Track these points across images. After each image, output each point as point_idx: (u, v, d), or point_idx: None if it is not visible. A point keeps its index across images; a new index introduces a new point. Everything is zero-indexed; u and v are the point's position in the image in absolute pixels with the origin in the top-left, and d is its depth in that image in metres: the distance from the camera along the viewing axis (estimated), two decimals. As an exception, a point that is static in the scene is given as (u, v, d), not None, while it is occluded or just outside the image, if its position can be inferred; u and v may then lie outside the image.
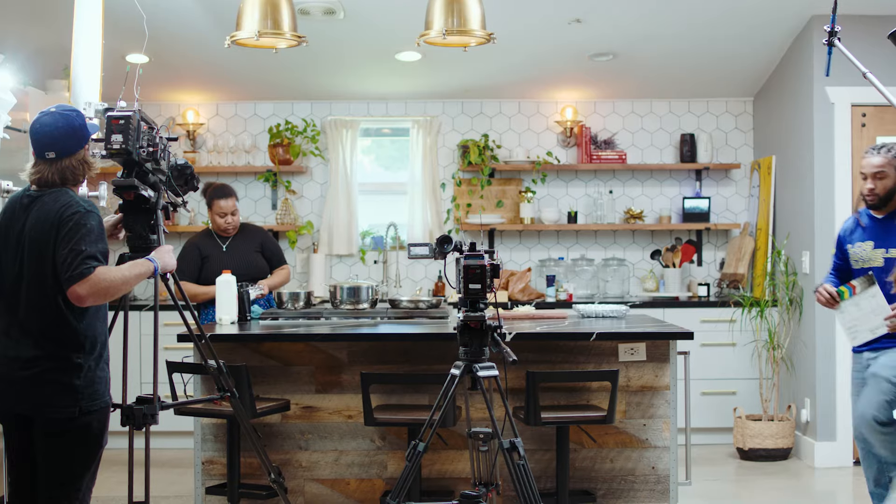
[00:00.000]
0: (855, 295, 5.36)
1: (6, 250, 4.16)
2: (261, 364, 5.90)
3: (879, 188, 5.34)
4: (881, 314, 5.22)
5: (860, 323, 5.36)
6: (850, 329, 5.43)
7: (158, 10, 7.01)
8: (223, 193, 6.86)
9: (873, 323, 5.28)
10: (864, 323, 5.34)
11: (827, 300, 5.45)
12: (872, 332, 5.30)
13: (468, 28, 5.81)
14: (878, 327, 5.26)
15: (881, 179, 5.32)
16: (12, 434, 4.17)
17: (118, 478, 6.81)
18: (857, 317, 5.37)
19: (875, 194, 5.35)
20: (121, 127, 4.23)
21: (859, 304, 5.34)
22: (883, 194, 5.34)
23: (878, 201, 5.36)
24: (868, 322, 5.31)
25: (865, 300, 5.31)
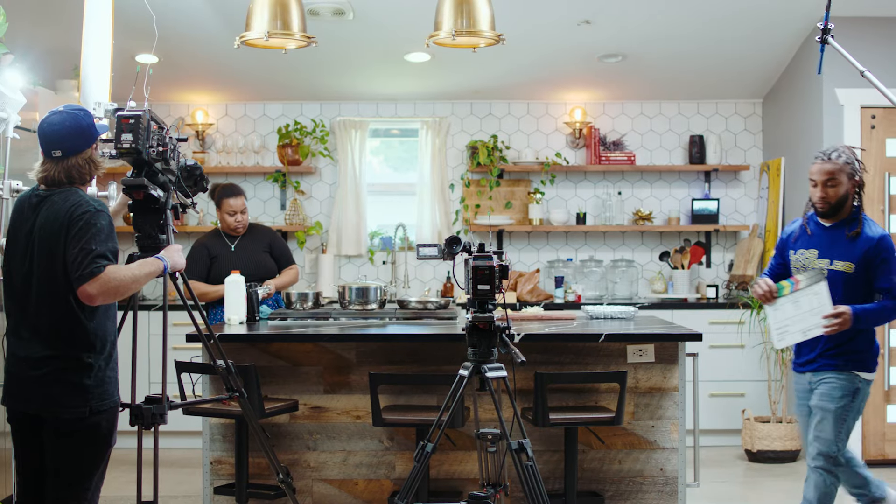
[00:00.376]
0: (797, 291, 5.06)
1: (16, 250, 4.16)
2: (269, 364, 5.90)
3: (831, 195, 5.07)
4: (820, 314, 4.95)
5: (793, 323, 5.07)
6: (780, 330, 5.14)
7: (168, 11, 7.02)
8: (232, 192, 6.87)
9: (808, 323, 5.00)
10: (798, 323, 5.05)
11: (764, 293, 5.17)
12: (804, 334, 5.04)
13: (477, 29, 5.81)
14: (812, 328, 4.99)
15: (833, 187, 5.06)
16: (22, 433, 4.18)
17: (127, 477, 6.81)
18: (791, 315, 5.07)
19: (827, 202, 5.09)
20: (131, 126, 4.24)
21: (799, 301, 5.04)
22: (834, 202, 5.08)
23: (830, 210, 5.10)
24: (802, 322, 5.02)
25: (806, 297, 5.01)
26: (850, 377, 5.05)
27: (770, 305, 5.17)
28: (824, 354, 5.09)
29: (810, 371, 5.16)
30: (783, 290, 5.11)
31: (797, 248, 5.23)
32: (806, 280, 5.03)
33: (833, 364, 5.07)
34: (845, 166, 5.05)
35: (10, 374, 4.14)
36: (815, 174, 5.10)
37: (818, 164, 5.10)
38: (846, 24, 7.58)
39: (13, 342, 4.15)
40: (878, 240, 5.02)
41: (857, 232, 5.04)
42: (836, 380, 5.05)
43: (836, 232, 5.11)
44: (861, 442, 7.59)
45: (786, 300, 5.09)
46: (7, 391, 4.15)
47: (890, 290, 4.98)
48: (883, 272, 4.99)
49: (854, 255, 5.02)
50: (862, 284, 5.04)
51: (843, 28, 7.56)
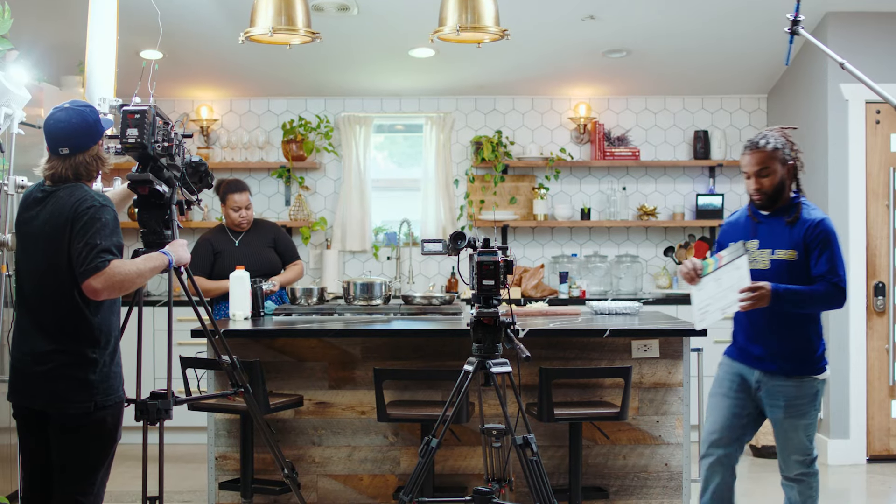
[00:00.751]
0: (720, 268, 4.70)
1: (21, 245, 4.17)
2: (274, 360, 5.91)
3: (766, 186, 4.75)
4: (739, 289, 4.59)
5: (714, 301, 4.70)
6: (702, 310, 4.77)
7: (172, 7, 7.02)
8: (237, 188, 6.87)
9: (727, 300, 4.63)
10: (719, 300, 4.68)
11: (688, 272, 4.82)
12: (723, 311, 4.66)
13: (482, 25, 5.80)
14: (730, 305, 4.63)
15: (766, 177, 4.74)
16: (27, 429, 4.19)
17: (132, 472, 6.83)
18: (713, 294, 4.71)
19: (763, 193, 4.77)
20: (136, 121, 4.24)
21: (720, 278, 4.69)
22: (771, 192, 4.76)
23: (767, 200, 4.78)
24: (723, 299, 4.66)
25: (727, 273, 4.66)
26: (810, 383, 4.73)
27: (695, 286, 4.81)
28: (778, 357, 4.73)
29: (759, 370, 4.78)
30: (707, 269, 4.78)
31: (737, 240, 4.85)
32: (728, 255, 4.70)
33: (789, 369, 4.72)
34: (776, 153, 4.74)
35: (15, 370, 4.14)
36: (745, 165, 4.80)
37: (747, 155, 4.80)
38: (847, 18, 7.58)
39: (18, 337, 4.16)
40: (817, 223, 4.70)
41: (796, 218, 4.73)
42: (796, 389, 4.72)
43: (776, 220, 4.80)
44: (866, 437, 7.59)
45: (709, 279, 4.75)
46: (12, 387, 4.16)
47: (825, 275, 4.64)
48: (820, 256, 4.67)
49: (795, 242, 4.71)
50: (805, 272, 4.70)
51: (845, 23, 7.58)
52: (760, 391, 4.78)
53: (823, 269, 4.64)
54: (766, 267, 4.71)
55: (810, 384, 4.73)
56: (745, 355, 4.84)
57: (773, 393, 4.74)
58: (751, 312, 4.71)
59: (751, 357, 4.81)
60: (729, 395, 4.87)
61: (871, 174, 7.61)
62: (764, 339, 4.76)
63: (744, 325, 4.86)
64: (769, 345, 4.75)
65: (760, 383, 4.78)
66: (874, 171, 7.61)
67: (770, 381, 4.75)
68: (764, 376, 4.77)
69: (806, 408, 4.73)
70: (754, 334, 4.80)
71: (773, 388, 4.74)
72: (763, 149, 4.74)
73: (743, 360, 4.86)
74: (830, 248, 4.66)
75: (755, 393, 4.80)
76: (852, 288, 7.56)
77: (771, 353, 4.74)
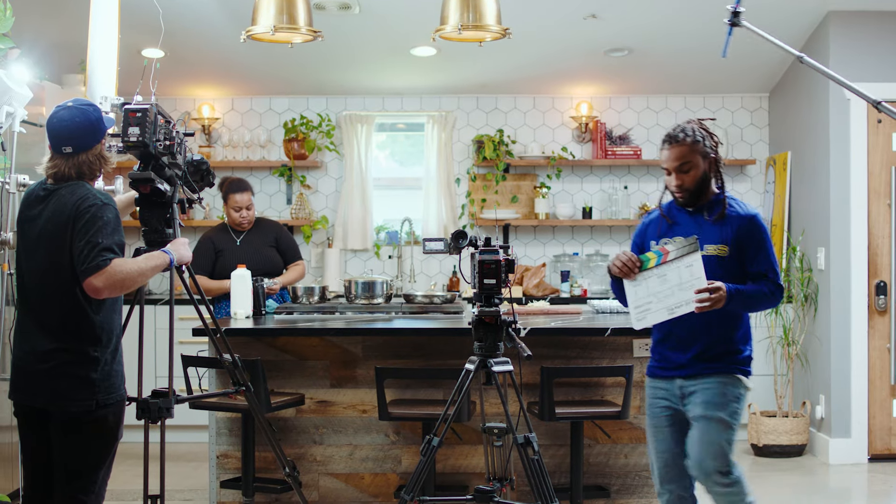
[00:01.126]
0: (665, 263, 4.35)
1: (23, 243, 4.17)
2: (275, 358, 5.91)
3: (688, 182, 4.43)
4: (691, 288, 4.28)
5: (658, 299, 4.36)
6: (640, 308, 4.42)
7: (174, 5, 7.02)
8: (239, 187, 6.86)
9: (676, 299, 4.31)
10: (664, 299, 4.34)
11: (622, 266, 4.45)
12: (670, 311, 4.34)
13: (484, 23, 5.81)
14: (681, 305, 4.30)
15: (688, 171, 4.42)
16: (29, 427, 4.19)
17: (133, 471, 6.83)
18: (657, 291, 4.36)
19: (685, 189, 4.45)
20: (138, 120, 4.24)
21: (666, 275, 4.34)
22: (693, 187, 4.44)
23: (690, 196, 4.46)
24: (669, 298, 4.33)
25: (676, 270, 4.31)
26: (735, 381, 4.42)
27: (631, 281, 4.45)
28: (702, 357, 4.41)
29: (682, 377, 4.45)
30: (648, 263, 4.40)
31: (659, 238, 4.52)
32: (677, 250, 4.34)
33: (713, 368, 4.40)
34: (696, 145, 4.42)
35: (16, 368, 4.15)
36: (665, 161, 4.46)
37: (666, 149, 4.46)
38: (849, 18, 7.58)
39: (19, 335, 4.16)
40: (751, 218, 4.45)
41: (722, 215, 4.43)
42: (718, 385, 4.38)
43: (701, 216, 4.49)
44: (867, 436, 7.59)
45: (651, 274, 4.39)
46: (14, 385, 4.16)
47: (765, 273, 4.41)
48: (757, 254, 4.42)
49: (726, 237, 4.41)
50: (736, 269, 4.42)
51: (846, 22, 7.58)
52: (685, 399, 4.45)
53: (762, 267, 4.42)
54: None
55: (734, 384, 4.41)
56: (667, 367, 4.51)
57: (694, 392, 4.41)
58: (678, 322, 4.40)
59: (673, 366, 4.48)
60: (662, 427, 4.52)
61: (873, 173, 7.61)
62: (688, 345, 4.44)
63: (664, 331, 4.52)
64: (694, 350, 4.42)
65: (683, 389, 4.45)
66: (876, 171, 7.61)
67: (691, 384, 4.43)
68: (686, 381, 4.44)
69: (727, 406, 4.37)
70: (678, 342, 4.47)
71: (694, 387, 4.42)
72: (683, 142, 4.43)
73: (665, 373, 4.52)
74: (766, 246, 4.45)
75: (682, 405, 4.47)
76: (854, 287, 7.57)
77: (695, 358, 4.42)
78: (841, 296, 7.60)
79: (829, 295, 7.67)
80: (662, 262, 4.37)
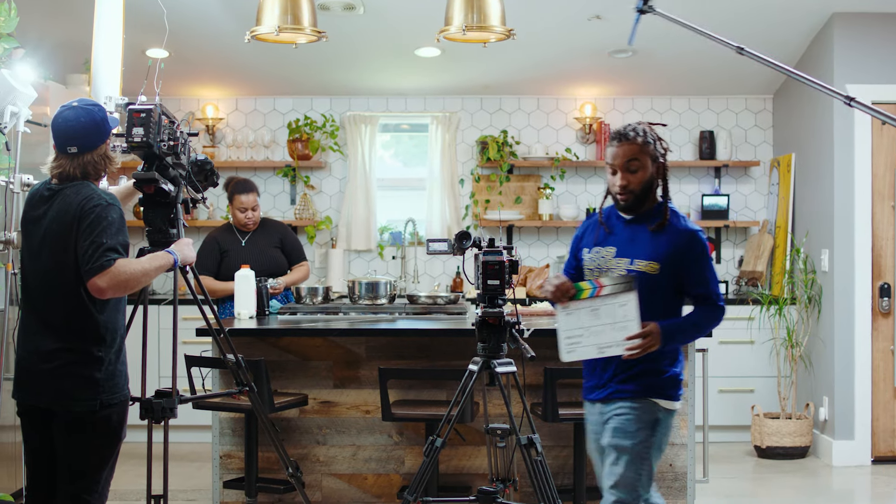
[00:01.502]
0: (599, 296, 4.05)
1: (27, 243, 4.18)
2: (279, 359, 5.91)
3: (634, 183, 4.12)
4: (624, 331, 4.00)
5: (588, 334, 4.08)
6: (571, 340, 4.13)
7: (178, 5, 7.02)
8: (244, 188, 6.86)
9: (606, 338, 4.04)
10: (595, 336, 4.06)
11: (554, 291, 4.11)
12: (599, 350, 4.06)
13: (488, 24, 5.81)
14: (611, 346, 4.03)
15: (635, 172, 4.12)
16: (32, 427, 4.19)
17: (137, 471, 6.82)
18: (588, 325, 4.07)
19: (629, 191, 4.13)
20: (142, 120, 4.24)
21: (599, 310, 4.05)
22: (639, 190, 4.14)
23: (633, 200, 4.14)
24: (600, 336, 4.05)
25: (609, 307, 4.03)
26: (648, 406, 4.09)
27: (563, 308, 4.14)
28: (615, 380, 4.13)
29: (600, 400, 4.19)
30: (581, 293, 4.10)
31: (592, 246, 4.25)
32: (611, 286, 4.05)
33: (626, 391, 4.10)
34: (647, 147, 4.15)
35: (20, 368, 4.15)
36: (612, 158, 4.15)
37: (614, 146, 4.16)
38: (854, 19, 7.57)
39: (23, 335, 4.16)
40: (690, 234, 4.13)
41: (663, 224, 4.13)
42: (629, 410, 4.08)
43: (639, 226, 4.18)
44: (870, 438, 7.58)
45: (583, 305, 4.09)
46: (18, 385, 4.16)
47: (706, 296, 4.13)
48: (696, 274, 4.12)
49: (659, 253, 4.09)
50: (667, 289, 4.12)
51: (851, 23, 7.58)
52: (606, 423, 4.17)
53: (704, 290, 4.13)
54: None
55: (649, 408, 4.09)
56: (589, 387, 4.27)
57: (611, 416, 4.13)
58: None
59: (594, 387, 4.23)
60: (599, 452, 4.26)
61: (877, 175, 7.60)
62: (606, 364, 4.16)
63: None
64: (610, 370, 4.15)
65: (602, 415, 4.19)
66: (880, 173, 7.60)
67: (608, 409, 4.15)
68: (604, 404, 4.17)
69: (638, 433, 4.06)
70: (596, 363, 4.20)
71: (610, 412, 4.14)
72: (633, 140, 4.15)
73: (588, 395, 4.29)
74: (707, 265, 4.14)
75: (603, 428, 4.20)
76: (858, 289, 7.56)
77: (610, 380, 4.15)
78: (844, 298, 7.60)
79: (832, 297, 7.66)
80: (596, 296, 4.07)
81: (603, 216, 4.29)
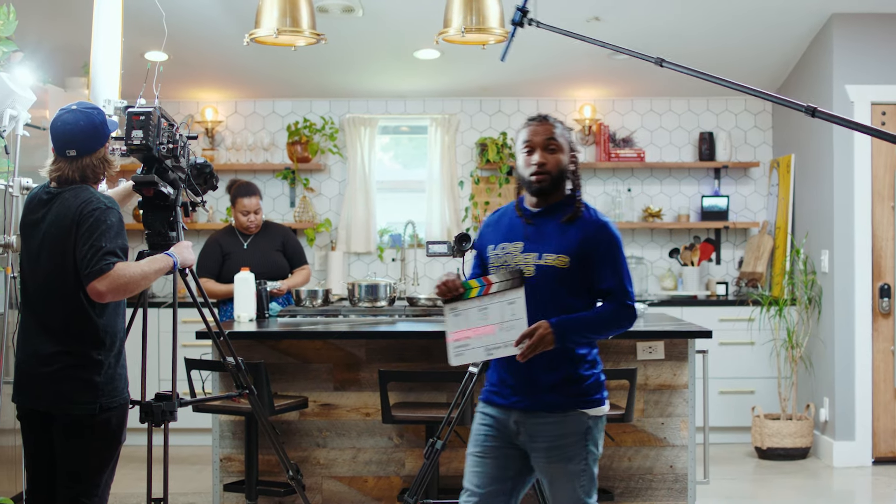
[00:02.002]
0: (487, 294, 3.78)
1: (26, 246, 4.17)
2: (279, 361, 5.91)
3: (551, 163, 3.85)
4: (513, 330, 3.73)
5: (478, 337, 3.78)
6: (459, 342, 3.83)
7: (177, 8, 7.02)
8: (247, 192, 6.86)
9: (495, 339, 3.74)
10: (485, 338, 3.77)
11: (441, 287, 3.85)
12: (488, 352, 3.77)
13: (487, 26, 5.80)
14: (500, 347, 3.74)
15: (553, 152, 3.87)
16: (32, 430, 4.19)
17: (137, 474, 6.82)
18: (476, 325, 3.79)
19: (546, 171, 3.85)
20: (141, 123, 4.24)
21: (487, 308, 3.77)
22: (555, 172, 3.87)
23: (549, 183, 3.86)
24: (490, 337, 3.76)
25: (497, 306, 3.76)
26: (577, 418, 3.83)
27: (451, 308, 3.87)
28: (538, 389, 3.83)
29: (518, 409, 3.86)
30: (470, 292, 3.83)
31: (498, 242, 3.96)
32: (499, 283, 3.77)
33: (552, 404, 3.82)
34: (565, 132, 3.94)
35: (20, 371, 4.15)
36: (531, 135, 3.91)
37: (533, 126, 3.93)
38: (853, 20, 7.57)
39: (22, 339, 4.16)
40: (600, 226, 3.87)
41: (574, 216, 3.88)
42: (557, 425, 3.82)
43: (548, 219, 3.92)
44: (871, 439, 7.58)
45: (472, 305, 3.81)
46: (17, 388, 4.16)
47: (613, 292, 3.86)
48: (605, 268, 3.85)
49: (569, 246, 3.83)
50: (579, 284, 3.86)
51: (850, 24, 7.58)
52: (521, 435, 3.87)
53: (611, 284, 3.85)
54: (530, 274, 3.81)
55: (577, 420, 3.84)
56: (501, 393, 3.92)
57: (533, 433, 3.84)
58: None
59: (507, 394, 3.89)
60: (487, 455, 3.91)
61: (877, 176, 7.60)
62: (521, 369, 3.84)
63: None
64: (528, 376, 3.85)
65: (520, 425, 3.86)
66: (879, 173, 7.60)
67: (529, 420, 3.85)
68: (523, 415, 3.85)
69: (572, 449, 3.82)
70: (510, 365, 3.88)
71: (533, 427, 3.84)
72: (553, 123, 3.93)
73: (499, 400, 3.92)
74: (617, 259, 3.88)
75: (517, 439, 3.89)
76: (858, 289, 7.56)
77: (529, 386, 3.84)
78: (844, 298, 7.60)
79: (832, 298, 7.66)
80: (484, 294, 3.79)
81: (510, 211, 4.04)
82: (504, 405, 3.89)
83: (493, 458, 3.90)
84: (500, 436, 3.90)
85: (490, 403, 3.95)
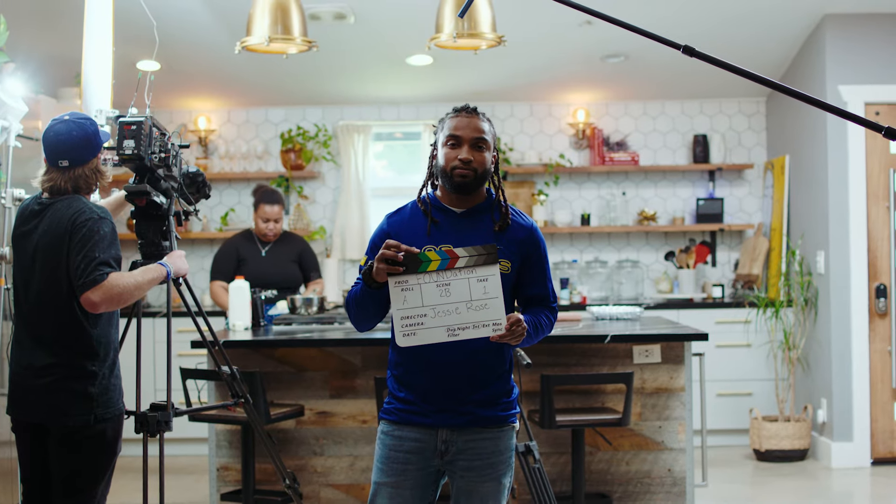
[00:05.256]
0: (452, 269, 3.39)
1: (19, 257, 4.16)
2: (275, 370, 5.90)
3: (478, 161, 3.57)
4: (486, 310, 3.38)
5: (436, 314, 3.38)
6: (411, 321, 3.40)
7: (168, 17, 7.01)
8: (271, 199, 6.92)
9: (462, 319, 3.38)
10: (444, 317, 3.38)
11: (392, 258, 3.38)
12: (451, 333, 3.38)
13: (479, 31, 5.80)
14: (467, 328, 3.37)
15: (481, 151, 3.61)
16: (26, 442, 4.17)
17: (133, 485, 6.80)
18: (434, 304, 3.38)
19: (472, 168, 3.55)
20: (133, 133, 4.23)
21: (450, 285, 3.38)
22: (481, 171, 3.58)
23: (473, 180, 3.56)
24: (453, 316, 3.38)
25: (463, 283, 3.38)
26: (509, 433, 3.65)
27: (400, 282, 3.41)
28: (474, 403, 3.56)
29: (447, 427, 3.56)
30: (428, 265, 3.40)
31: (420, 245, 3.52)
32: (468, 258, 3.41)
33: (488, 419, 3.59)
34: (491, 132, 3.70)
35: (14, 383, 4.13)
36: (458, 128, 3.64)
37: (462, 117, 3.69)
38: (845, 20, 7.58)
39: (16, 350, 4.14)
40: (531, 230, 3.68)
41: (506, 223, 3.61)
42: (493, 441, 3.60)
43: (474, 221, 3.63)
44: (869, 440, 7.57)
45: (429, 279, 3.40)
46: (11, 400, 4.15)
47: (545, 297, 3.70)
48: (539, 273, 3.67)
49: (509, 251, 3.59)
50: (513, 288, 3.64)
51: (843, 25, 7.58)
52: (447, 454, 3.59)
53: (543, 290, 3.69)
54: None
55: (509, 435, 3.65)
56: (423, 412, 3.58)
57: (465, 451, 3.58)
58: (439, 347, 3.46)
59: (431, 412, 3.57)
60: (405, 486, 3.62)
61: (872, 176, 7.60)
62: (455, 383, 3.55)
63: (420, 366, 3.58)
64: (462, 390, 3.56)
65: (449, 444, 3.58)
66: (874, 173, 7.60)
67: (461, 438, 3.58)
68: (453, 433, 3.57)
69: (505, 465, 3.63)
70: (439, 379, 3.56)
71: (466, 444, 3.58)
72: (482, 118, 3.72)
73: (420, 420, 3.58)
74: (546, 265, 3.71)
75: (439, 459, 3.61)
76: (854, 290, 7.56)
77: (460, 402, 3.56)
78: (841, 299, 7.59)
79: (829, 298, 7.65)
80: (448, 268, 3.40)
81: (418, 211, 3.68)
82: (428, 424, 3.56)
83: (411, 490, 3.62)
84: (418, 460, 3.59)
85: (407, 424, 3.59)
